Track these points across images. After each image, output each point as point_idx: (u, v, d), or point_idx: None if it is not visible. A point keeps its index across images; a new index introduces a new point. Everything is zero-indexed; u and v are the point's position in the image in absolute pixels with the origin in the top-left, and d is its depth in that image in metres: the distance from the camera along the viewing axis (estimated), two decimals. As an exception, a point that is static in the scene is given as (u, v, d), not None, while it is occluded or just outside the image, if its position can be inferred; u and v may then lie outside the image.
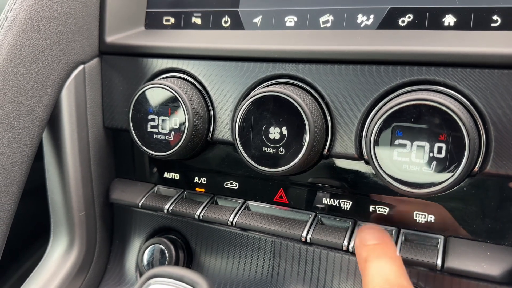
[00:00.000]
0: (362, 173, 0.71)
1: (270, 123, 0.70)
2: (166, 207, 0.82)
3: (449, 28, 0.67)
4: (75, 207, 0.83)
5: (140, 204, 0.85)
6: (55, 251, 0.83)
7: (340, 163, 0.72)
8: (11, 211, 0.71)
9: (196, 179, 0.85)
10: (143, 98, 0.78)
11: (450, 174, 0.59)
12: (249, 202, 0.80)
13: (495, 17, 0.65)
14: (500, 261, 0.62)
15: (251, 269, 0.78)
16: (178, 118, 0.76)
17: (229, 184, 0.82)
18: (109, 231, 0.92)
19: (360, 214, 0.72)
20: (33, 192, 0.95)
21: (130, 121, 0.79)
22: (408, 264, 0.67)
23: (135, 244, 0.90)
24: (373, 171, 0.69)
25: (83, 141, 0.85)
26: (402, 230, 0.69)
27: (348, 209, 0.73)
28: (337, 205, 0.74)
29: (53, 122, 0.82)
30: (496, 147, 0.61)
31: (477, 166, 0.61)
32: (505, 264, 0.61)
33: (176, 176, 0.87)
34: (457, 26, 0.67)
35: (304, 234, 0.72)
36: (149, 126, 0.79)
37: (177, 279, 0.47)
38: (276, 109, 0.69)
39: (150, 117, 0.78)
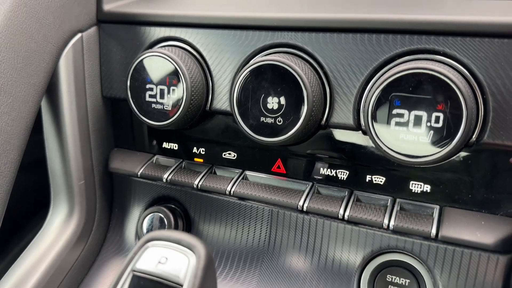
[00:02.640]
0: (359, 143, 0.71)
1: (268, 92, 0.69)
2: (165, 176, 0.83)
3: (450, -4, 0.66)
4: (75, 176, 0.84)
5: (139, 174, 0.85)
6: (55, 219, 0.84)
7: (338, 133, 0.72)
8: (10, 177, 0.71)
9: (195, 150, 0.85)
10: (141, 67, 0.78)
11: (447, 144, 0.60)
12: (247, 172, 0.81)
13: (497, -14, 0.64)
14: (494, 230, 0.63)
15: (249, 237, 0.79)
16: (176, 87, 0.76)
17: (227, 155, 0.82)
18: (109, 200, 0.93)
19: (356, 184, 0.73)
20: (34, 164, 0.96)
21: (128, 90, 0.79)
22: (403, 233, 0.68)
23: (135, 213, 0.91)
24: (371, 141, 0.69)
25: (81, 110, 0.85)
26: (397, 200, 0.69)
27: (344, 179, 0.73)
28: (334, 175, 0.74)
29: (51, 91, 0.82)
30: (494, 117, 0.61)
31: (474, 136, 0.62)
32: (499, 233, 0.62)
33: (174, 146, 0.87)
34: (458, -5, 0.66)
35: (300, 203, 0.72)
36: (147, 95, 0.79)
37: (175, 242, 0.47)
38: (274, 78, 0.69)
39: (148, 86, 0.78)
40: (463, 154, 0.65)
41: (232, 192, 0.77)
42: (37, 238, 0.82)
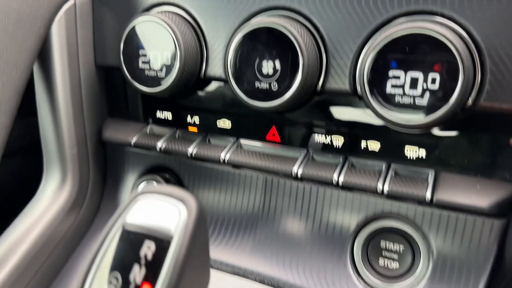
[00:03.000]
0: (355, 108, 0.70)
1: (263, 56, 0.68)
2: (159, 145, 0.82)
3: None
4: (67, 144, 0.83)
5: (133, 143, 0.84)
6: (48, 187, 0.84)
7: (333, 99, 0.71)
8: (1, 142, 0.71)
9: (189, 119, 0.84)
10: (134, 33, 0.77)
11: (443, 105, 0.59)
12: (242, 141, 0.80)
13: None
14: (490, 194, 0.62)
15: (243, 205, 0.79)
16: (170, 53, 0.75)
17: (221, 123, 0.82)
18: (102, 170, 0.92)
19: (351, 150, 0.72)
20: (32, 148, 0.95)
21: (121, 57, 0.78)
22: (398, 198, 0.67)
23: (128, 183, 0.91)
24: (366, 106, 0.68)
25: (74, 78, 0.83)
26: (392, 165, 0.69)
27: (340, 145, 0.73)
28: (329, 142, 0.73)
29: (43, 57, 0.80)
30: (490, 80, 0.60)
31: (470, 99, 0.61)
32: (494, 197, 0.62)
33: (168, 115, 0.86)
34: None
35: (295, 169, 0.72)
36: (140, 61, 0.77)
37: (166, 195, 0.47)
38: (270, 42, 0.67)
39: (141, 52, 0.77)
40: (459, 118, 0.64)
41: (226, 160, 0.77)
42: (30, 206, 0.82)
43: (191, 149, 0.79)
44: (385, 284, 0.69)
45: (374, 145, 0.70)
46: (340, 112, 0.72)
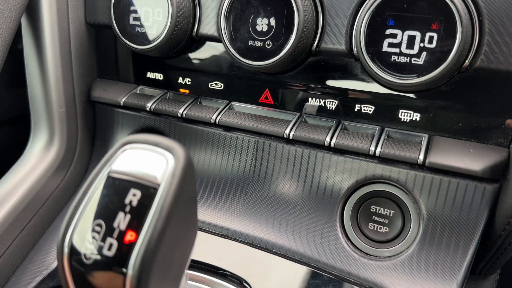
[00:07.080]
0: (350, 70, 0.69)
1: (258, 13, 0.67)
2: (149, 105, 0.80)
3: None
4: (55, 103, 0.81)
5: (122, 102, 0.82)
6: (35, 146, 0.82)
7: (329, 61, 0.70)
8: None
9: (180, 80, 0.82)
10: (126, -13, 0.74)
11: (439, 65, 0.58)
12: (234, 103, 0.78)
13: None
14: (483, 158, 0.61)
15: (234, 168, 0.78)
16: (162, 9, 0.73)
17: (214, 85, 0.80)
18: (91, 132, 0.90)
19: (345, 114, 0.71)
20: (22, 119, 0.92)
21: (112, 12, 0.76)
22: (390, 160, 0.66)
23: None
24: (362, 68, 0.67)
25: (63, 35, 0.81)
26: (386, 129, 0.67)
27: (333, 109, 0.72)
28: (323, 105, 0.72)
29: (32, 11, 0.78)
30: (488, 41, 0.59)
31: (467, 60, 0.60)
32: (487, 161, 0.61)
33: (159, 76, 0.84)
34: None
35: (287, 131, 0.70)
36: (131, 18, 0.75)
37: (153, 145, 0.45)
38: (264, -2, 0.66)
39: (132, 8, 0.75)
40: (455, 80, 0.63)
41: (217, 120, 0.75)
42: (16, 165, 0.80)
43: (182, 110, 0.78)
44: (375, 248, 0.68)
45: (367, 108, 0.69)
46: (335, 74, 0.70)
